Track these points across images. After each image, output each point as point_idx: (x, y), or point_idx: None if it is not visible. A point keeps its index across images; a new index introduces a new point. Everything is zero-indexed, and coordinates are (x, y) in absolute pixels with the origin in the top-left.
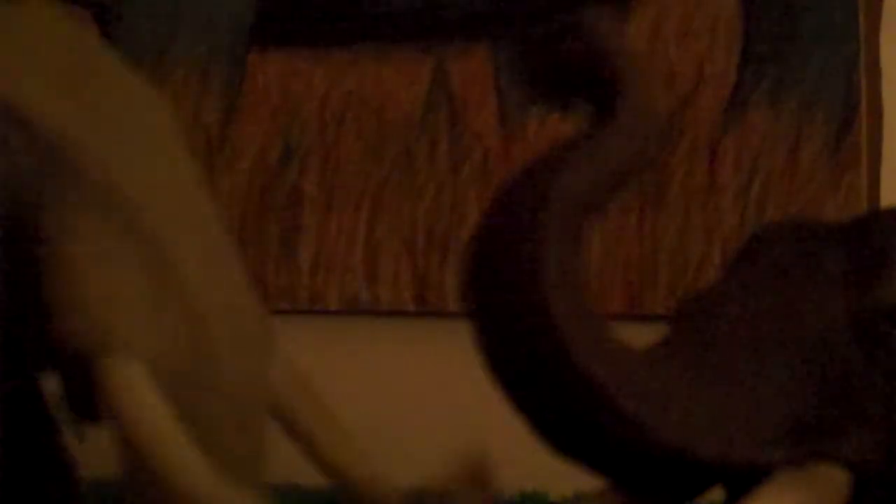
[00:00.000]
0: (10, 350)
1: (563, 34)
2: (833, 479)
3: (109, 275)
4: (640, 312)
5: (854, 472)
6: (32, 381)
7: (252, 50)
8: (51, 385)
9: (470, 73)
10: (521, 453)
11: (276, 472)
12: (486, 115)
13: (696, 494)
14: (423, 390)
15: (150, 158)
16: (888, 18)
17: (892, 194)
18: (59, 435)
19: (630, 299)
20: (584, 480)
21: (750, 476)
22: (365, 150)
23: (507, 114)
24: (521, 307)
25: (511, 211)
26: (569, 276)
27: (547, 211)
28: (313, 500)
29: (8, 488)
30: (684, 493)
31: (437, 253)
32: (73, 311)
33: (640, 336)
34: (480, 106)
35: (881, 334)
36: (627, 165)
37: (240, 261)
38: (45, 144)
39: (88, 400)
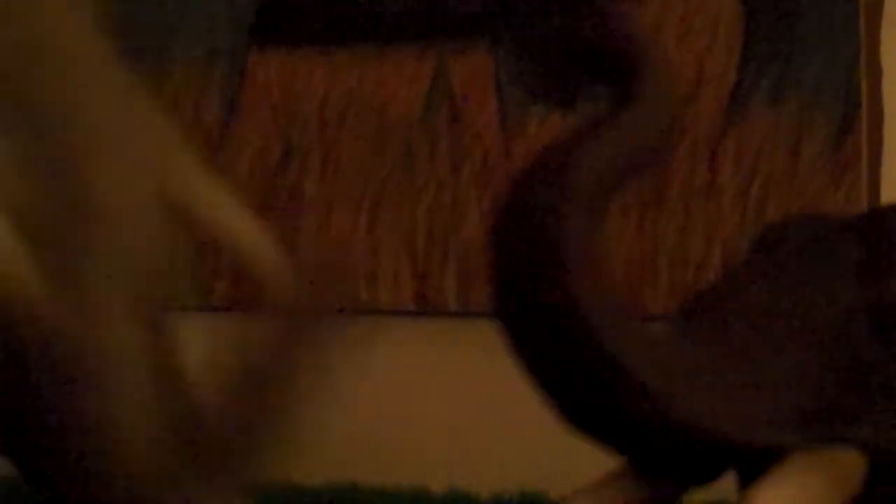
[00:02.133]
0: None
1: (566, 30)
2: (848, 462)
3: None
4: (640, 312)
5: (869, 456)
6: None
7: (252, 49)
8: None
9: (470, 73)
10: (521, 453)
11: (277, 472)
12: (486, 115)
13: (709, 478)
14: (423, 390)
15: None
16: (889, 18)
17: (893, 194)
18: None
19: (630, 299)
20: (583, 481)
21: (763, 460)
22: (365, 150)
23: (507, 113)
24: (542, 284)
25: (532, 190)
26: (591, 255)
27: (569, 189)
28: (313, 500)
29: None
30: (698, 476)
31: (437, 252)
32: None
33: None
34: (481, 105)
35: (891, 322)
36: (647, 146)
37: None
38: None
39: None
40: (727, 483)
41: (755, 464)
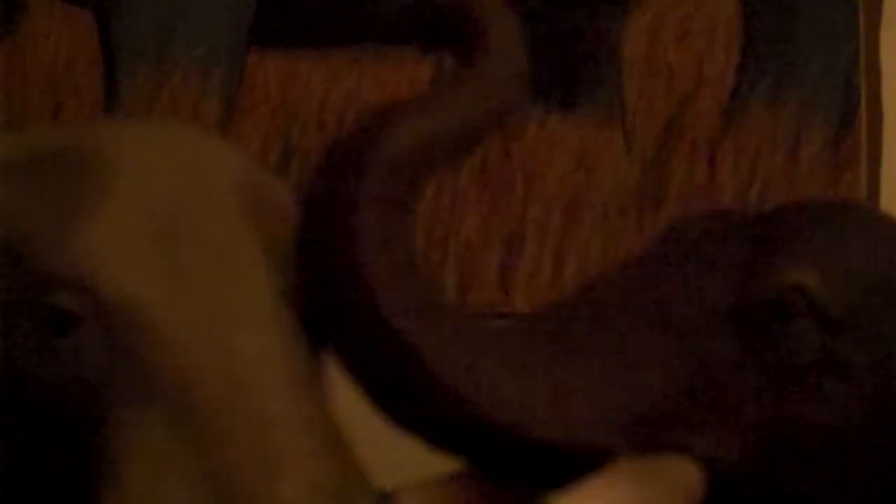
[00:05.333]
0: None
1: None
2: (681, 473)
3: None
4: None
5: (709, 470)
6: None
7: (252, 50)
8: None
9: None
10: None
11: None
12: None
13: (556, 483)
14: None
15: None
16: (888, 19)
17: (892, 195)
18: None
19: None
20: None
21: (591, 466)
22: None
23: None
24: (338, 281)
25: (331, 171)
26: (390, 241)
27: (369, 172)
28: None
29: None
30: (543, 480)
31: (436, 253)
32: None
33: None
34: None
35: (761, 327)
36: (478, 119)
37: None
38: (120, 335)
39: None
40: None
41: (584, 470)
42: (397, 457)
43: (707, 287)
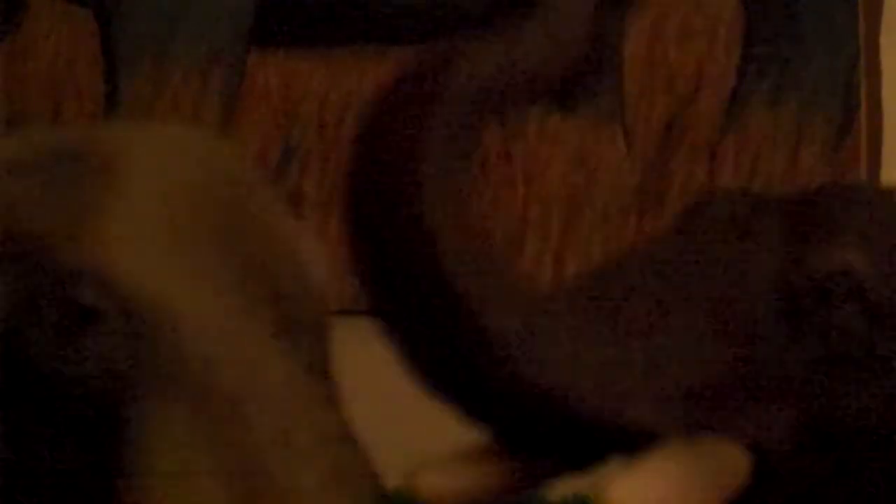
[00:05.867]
0: None
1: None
2: (730, 457)
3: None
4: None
5: (756, 454)
6: None
7: (252, 50)
8: None
9: None
10: None
11: None
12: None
13: (585, 462)
14: (422, 391)
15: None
16: (888, 20)
17: None
18: None
19: None
20: (583, 482)
21: (636, 444)
22: None
23: (506, 114)
24: (396, 226)
25: (393, 107)
26: (455, 196)
27: (433, 109)
28: None
29: None
30: (573, 459)
31: None
32: None
33: None
34: None
35: (807, 310)
36: (540, 67)
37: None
38: (142, 328)
39: None
40: None
41: (629, 448)
42: (396, 455)
43: (749, 267)
